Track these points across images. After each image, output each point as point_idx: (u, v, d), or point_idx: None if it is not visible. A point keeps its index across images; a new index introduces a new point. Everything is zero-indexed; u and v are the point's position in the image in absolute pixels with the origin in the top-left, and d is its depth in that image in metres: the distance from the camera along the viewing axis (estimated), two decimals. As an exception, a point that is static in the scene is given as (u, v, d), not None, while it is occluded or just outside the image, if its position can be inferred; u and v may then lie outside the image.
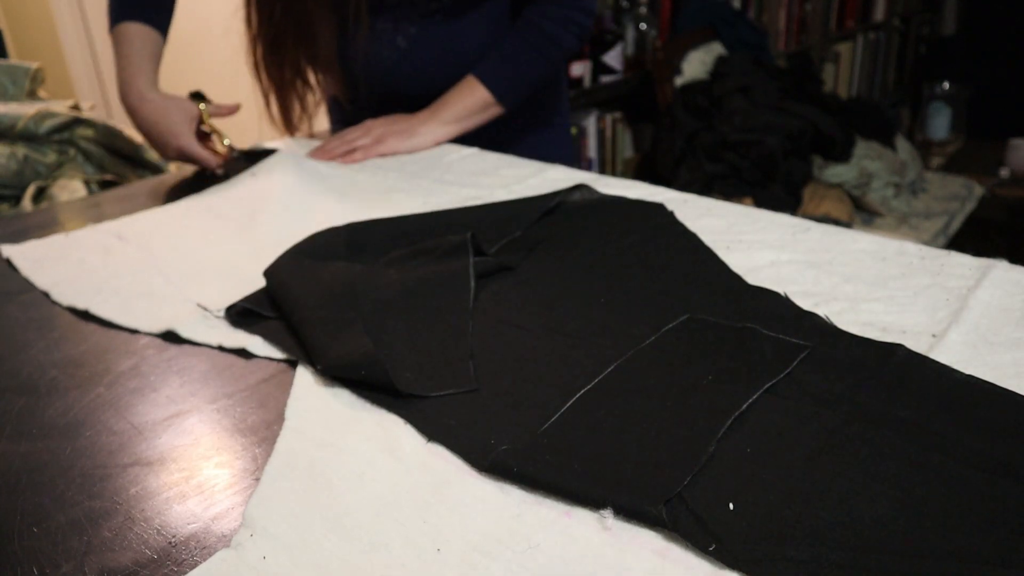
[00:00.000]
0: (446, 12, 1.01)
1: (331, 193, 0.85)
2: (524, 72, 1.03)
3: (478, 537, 0.35)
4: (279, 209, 0.82)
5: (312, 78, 1.07)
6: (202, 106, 0.99)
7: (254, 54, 1.04)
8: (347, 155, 0.96)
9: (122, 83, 0.98)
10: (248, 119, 1.08)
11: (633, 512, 0.35)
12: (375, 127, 1.00)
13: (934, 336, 0.48)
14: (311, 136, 1.11)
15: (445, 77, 1.04)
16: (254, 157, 0.94)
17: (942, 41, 3.82)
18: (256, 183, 0.91)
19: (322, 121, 1.16)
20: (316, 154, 0.97)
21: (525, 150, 1.01)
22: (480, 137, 1.03)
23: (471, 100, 1.01)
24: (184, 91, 1.02)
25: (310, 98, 1.08)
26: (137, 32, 0.99)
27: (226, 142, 0.99)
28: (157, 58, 1.01)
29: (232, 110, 1.03)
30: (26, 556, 0.36)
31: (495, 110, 1.03)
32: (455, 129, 1.02)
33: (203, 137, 0.99)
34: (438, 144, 1.01)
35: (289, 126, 1.09)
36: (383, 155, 0.97)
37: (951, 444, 0.37)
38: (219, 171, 0.96)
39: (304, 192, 0.87)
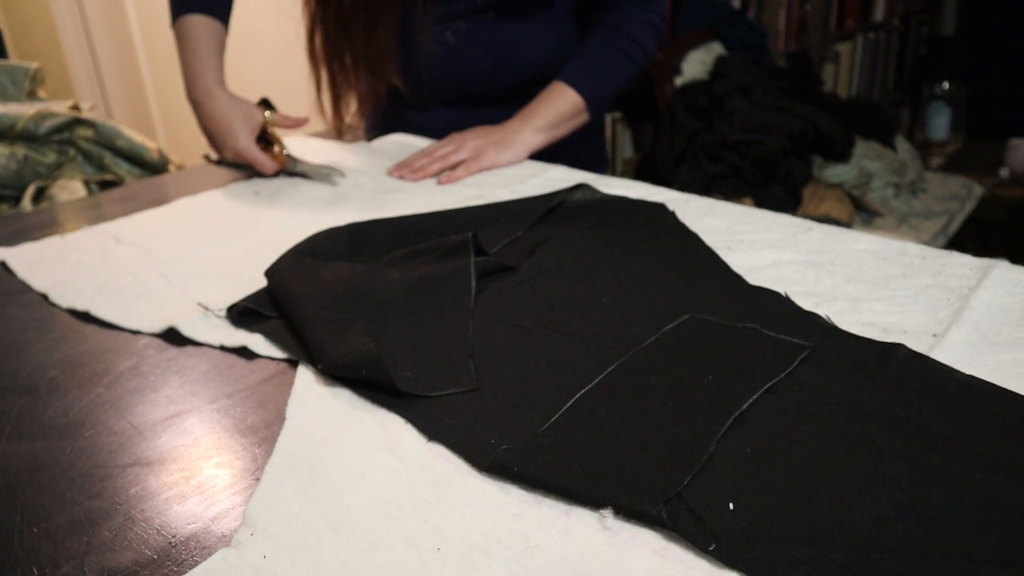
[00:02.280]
0: (497, 11, 0.98)
1: (333, 193, 0.85)
2: (611, 77, 0.99)
3: (478, 536, 0.35)
4: (280, 209, 0.82)
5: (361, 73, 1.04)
6: (267, 114, 0.97)
7: (312, 42, 1.01)
8: (449, 175, 0.88)
9: (189, 78, 0.95)
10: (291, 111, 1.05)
11: (633, 512, 0.35)
12: (467, 140, 0.93)
13: (935, 336, 0.48)
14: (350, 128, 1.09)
15: (488, 78, 1.01)
16: (312, 170, 0.92)
17: (942, 41, 3.82)
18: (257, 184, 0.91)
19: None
20: (404, 174, 0.89)
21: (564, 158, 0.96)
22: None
23: (563, 106, 0.96)
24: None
25: (364, 92, 1.05)
26: (202, 25, 0.96)
27: (285, 152, 0.96)
28: (222, 52, 0.98)
29: (298, 123, 0.99)
30: (26, 556, 0.36)
31: (584, 117, 0.99)
32: (547, 137, 0.96)
33: (266, 144, 0.96)
34: (531, 154, 0.94)
35: (340, 119, 1.06)
36: (484, 170, 0.90)
37: (952, 444, 0.37)
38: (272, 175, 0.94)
39: (305, 192, 0.87)
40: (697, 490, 0.36)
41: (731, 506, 0.35)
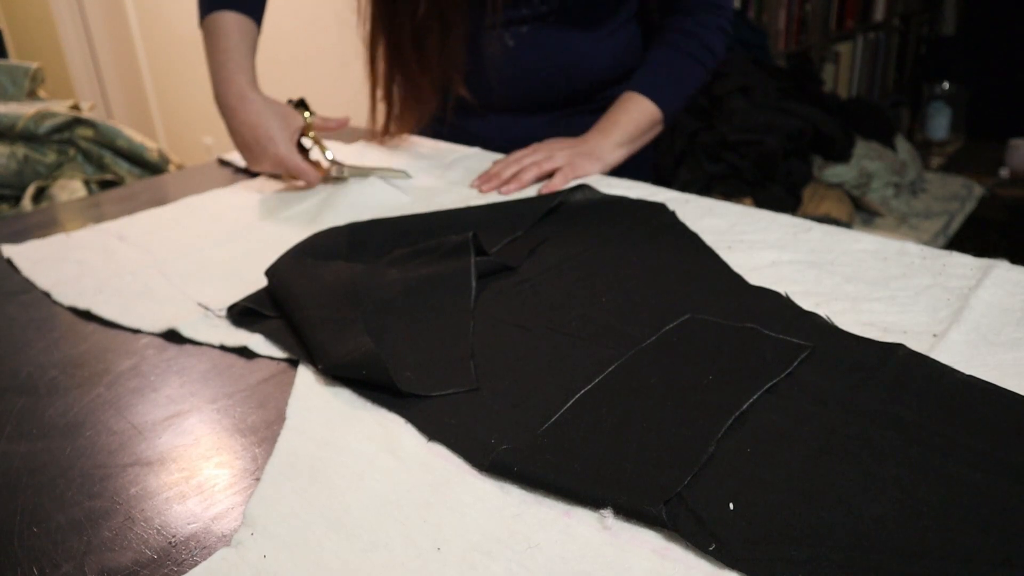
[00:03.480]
0: (558, 16, 0.94)
1: (333, 192, 0.85)
2: (686, 86, 0.95)
3: (478, 536, 0.35)
4: (282, 209, 0.82)
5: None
6: (307, 115, 0.89)
7: (374, 53, 0.96)
8: (548, 184, 0.82)
9: (220, 80, 0.88)
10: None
11: (633, 512, 0.35)
12: (557, 149, 0.87)
13: (935, 336, 0.48)
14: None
15: (547, 84, 0.97)
16: (362, 174, 0.86)
17: (942, 41, 3.82)
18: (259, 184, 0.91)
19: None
20: (495, 185, 0.83)
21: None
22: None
23: (641, 118, 0.91)
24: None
25: (428, 102, 0.98)
26: (234, 23, 0.88)
27: (328, 155, 0.88)
28: (254, 52, 0.91)
29: (341, 124, 0.93)
30: (26, 556, 0.36)
31: (659, 128, 0.94)
32: (627, 152, 0.91)
33: (302, 150, 0.90)
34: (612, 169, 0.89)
35: (395, 130, 1.00)
36: (577, 179, 0.85)
37: (951, 444, 0.37)
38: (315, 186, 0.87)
39: (306, 192, 0.87)
40: (697, 490, 0.36)
41: (731, 506, 0.35)
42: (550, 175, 0.84)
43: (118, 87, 3.43)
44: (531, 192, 0.81)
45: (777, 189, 2.06)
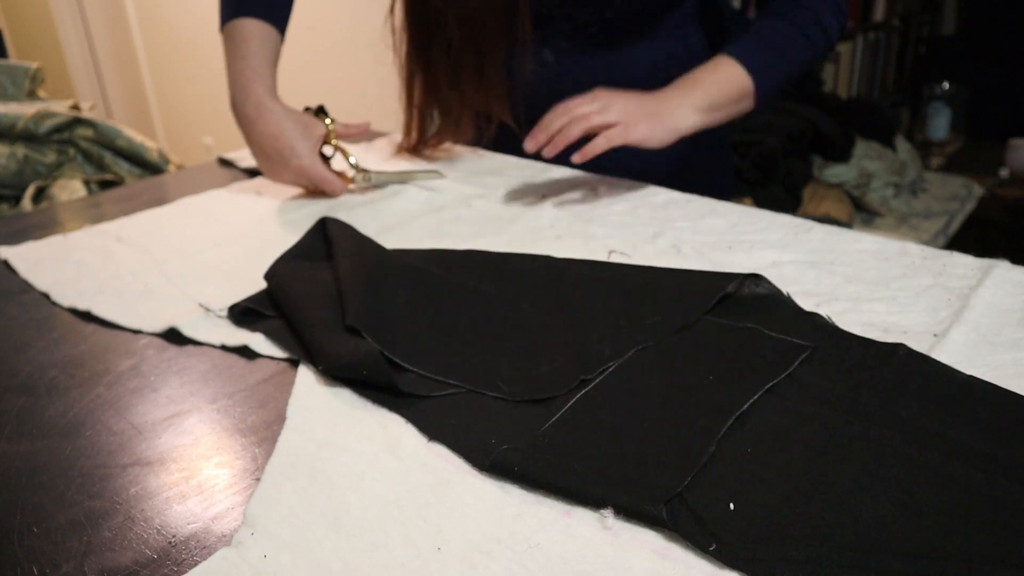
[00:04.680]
0: (606, 27, 0.86)
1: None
2: (789, 62, 0.81)
3: (478, 536, 0.35)
4: (282, 209, 0.82)
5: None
6: (328, 122, 0.86)
7: (411, 89, 0.92)
8: (585, 151, 0.73)
9: (237, 89, 0.84)
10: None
11: (633, 512, 0.35)
12: (616, 101, 0.75)
13: (935, 336, 0.48)
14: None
15: None
16: (390, 180, 0.84)
17: (942, 41, 3.82)
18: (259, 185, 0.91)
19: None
20: (541, 145, 0.75)
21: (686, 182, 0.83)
22: (650, 164, 0.83)
23: (728, 87, 0.77)
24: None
25: (466, 133, 0.94)
26: (255, 30, 0.85)
27: (352, 160, 0.86)
28: (276, 61, 0.87)
29: (362, 129, 0.89)
30: (26, 556, 0.36)
31: (747, 105, 0.80)
32: (704, 120, 0.77)
33: (324, 159, 0.87)
34: (680, 138, 0.77)
35: (428, 153, 0.96)
36: (628, 145, 0.74)
37: (952, 444, 0.37)
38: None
39: (311, 196, 0.87)
40: (698, 490, 0.36)
41: (731, 506, 0.35)
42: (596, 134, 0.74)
43: (118, 87, 3.43)
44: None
45: (777, 189, 2.06)
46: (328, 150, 0.87)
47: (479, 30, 0.85)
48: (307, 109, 0.88)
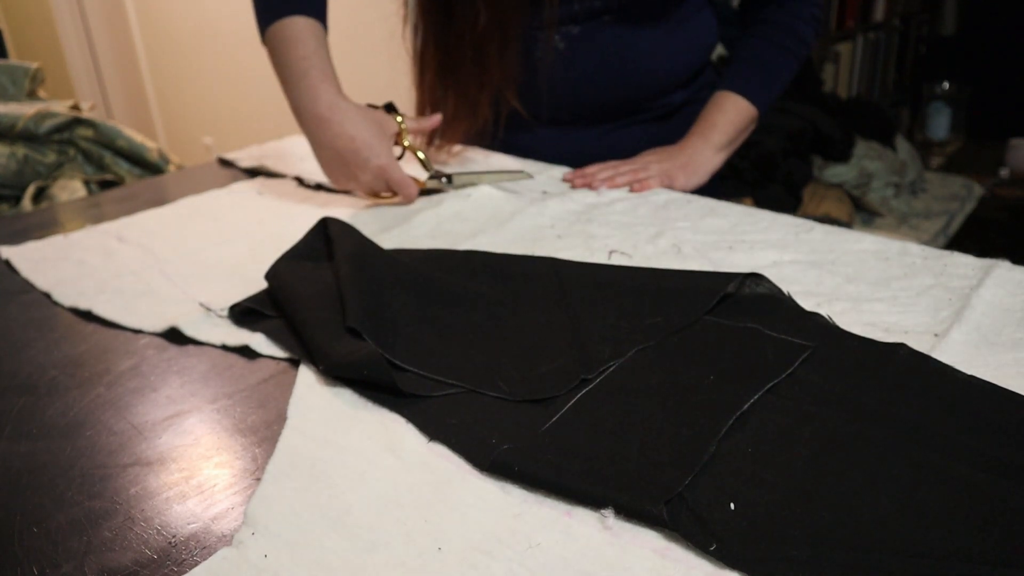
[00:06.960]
0: (616, 13, 0.86)
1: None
2: (780, 80, 0.91)
3: (479, 536, 0.35)
4: (283, 208, 0.82)
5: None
6: (399, 119, 0.82)
7: (423, 67, 0.91)
8: (643, 183, 0.80)
9: (303, 91, 0.78)
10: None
11: (634, 511, 0.35)
12: (652, 162, 0.84)
13: (936, 336, 0.48)
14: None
15: (603, 91, 0.90)
16: (471, 183, 0.81)
17: (942, 41, 3.82)
18: (259, 185, 0.91)
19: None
20: (589, 181, 0.81)
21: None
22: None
23: (738, 119, 0.87)
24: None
25: (480, 115, 0.92)
26: (307, 28, 0.80)
27: (420, 156, 0.82)
28: (330, 58, 0.83)
29: (435, 125, 0.86)
30: (26, 556, 0.36)
31: (754, 127, 0.90)
32: (726, 156, 0.88)
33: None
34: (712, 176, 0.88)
35: (454, 140, 0.94)
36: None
37: (952, 444, 0.37)
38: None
39: (306, 191, 0.87)
40: (698, 490, 0.36)
41: (732, 506, 0.35)
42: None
43: (118, 87, 3.43)
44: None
45: (777, 189, 2.06)
46: (397, 150, 0.82)
47: (508, 2, 0.84)
48: (371, 106, 0.83)
